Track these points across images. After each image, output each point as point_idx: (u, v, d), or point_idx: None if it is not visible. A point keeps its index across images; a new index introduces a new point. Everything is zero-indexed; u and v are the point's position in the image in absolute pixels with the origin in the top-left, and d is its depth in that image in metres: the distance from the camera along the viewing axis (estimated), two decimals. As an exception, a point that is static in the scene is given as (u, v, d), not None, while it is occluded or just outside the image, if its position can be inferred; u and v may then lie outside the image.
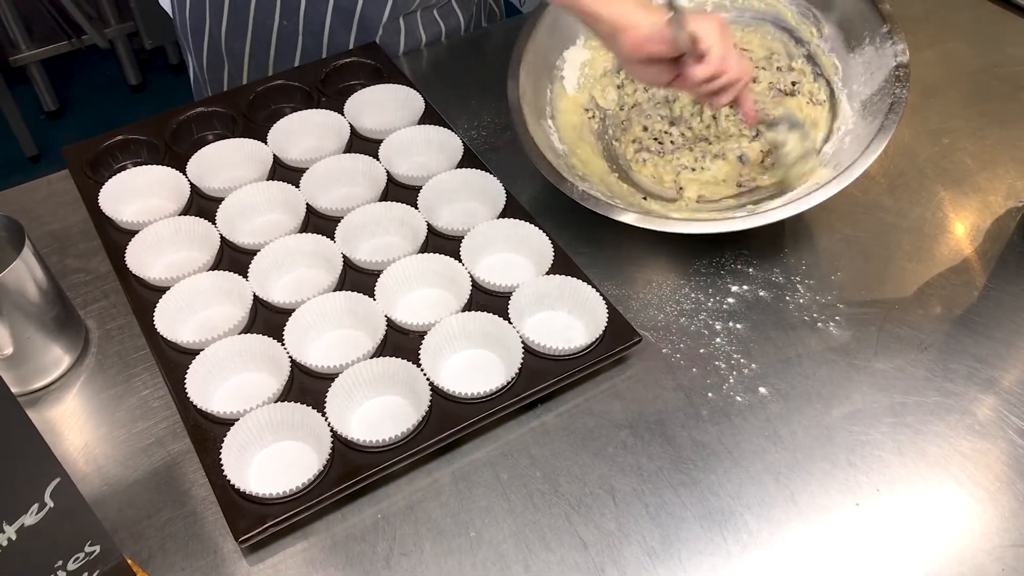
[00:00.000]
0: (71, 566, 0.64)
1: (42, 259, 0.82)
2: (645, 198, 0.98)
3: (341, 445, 0.76)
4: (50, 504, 0.60)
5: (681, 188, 0.99)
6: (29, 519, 0.59)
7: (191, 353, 0.82)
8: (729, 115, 1.01)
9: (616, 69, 1.10)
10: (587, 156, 1.02)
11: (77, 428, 0.83)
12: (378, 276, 0.88)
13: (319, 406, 0.78)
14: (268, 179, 0.99)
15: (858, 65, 1.02)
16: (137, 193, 0.98)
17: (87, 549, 0.64)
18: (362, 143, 1.04)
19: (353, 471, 0.75)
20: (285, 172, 1.01)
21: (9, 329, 0.80)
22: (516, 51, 1.03)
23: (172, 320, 0.85)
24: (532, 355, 0.82)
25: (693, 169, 0.99)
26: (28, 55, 2.67)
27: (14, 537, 0.59)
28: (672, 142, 1.02)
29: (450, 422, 0.78)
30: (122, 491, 0.78)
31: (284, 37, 1.17)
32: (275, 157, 1.01)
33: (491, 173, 0.97)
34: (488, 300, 0.88)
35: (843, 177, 0.87)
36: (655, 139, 1.03)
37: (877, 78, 0.98)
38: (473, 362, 0.84)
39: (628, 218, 0.88)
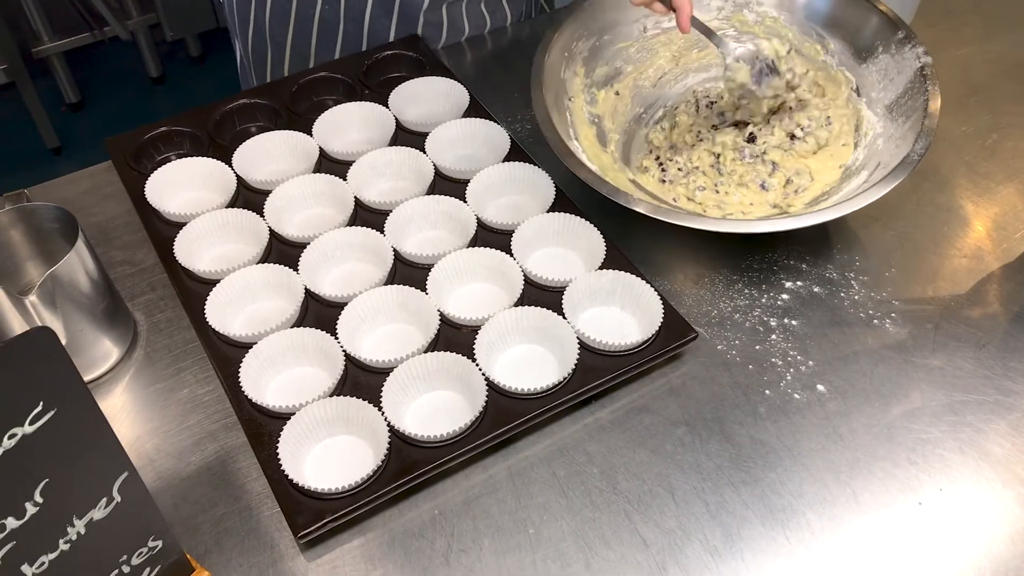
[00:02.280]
0: (135, 560, 0.63)
1: (93, 251, 0.82)
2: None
3: (398, 440, 0.76)
4: (117, 498, 0.59)
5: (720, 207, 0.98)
6: (97, 513, 0.59)
7: (243, 347, 0.81)
8: (735, 158, 1.00)
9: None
10: (614, 176, 0.99)
11: (128, 422, 0.82)
12: (427, 270, 0.87)
13: (373, 401, 0.77)
14: (314, 172, 0.98)
15: (872, 74, 1.02)
16: (182, 185, 0.97)
17: (150, 544, 0.64)
18: (406, 136, 1.04)
19: (411, 466, 0.74)
20: (330, 165, 1.00)
21: (62, 321, 0.79)
22: (535, 75, 1.00)
23: (222, 313, 0.85)
24: (587, 351, 0.82)
25: (716, 191, 0.98)
26: (50, 47, 2.67)
27: (83, 531, 0.58)
28: (679, 169, 1.01)
29: (506, 418, 0.77)
30: (176, 485, 0.77)
31: (326, 23, 1.16)
32: (320, 150, 1.00)
33: (539, 167, 0.96)
34: (539, 295, 0.87)
35: (898, 171, 0.86)
36: (657, 159, 1.02)
37: (899, 82, 0.98)
38: (526, 358, 0.83)
39: (700, 223, 0.86)
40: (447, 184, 0.98)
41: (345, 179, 0.96)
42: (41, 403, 0.52)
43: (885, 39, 1.01)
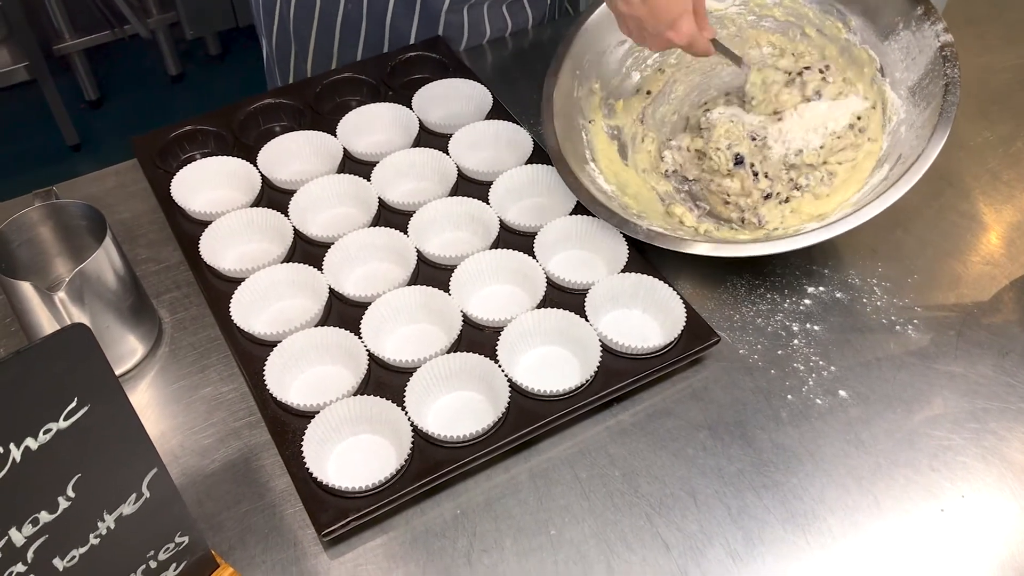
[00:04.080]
0: (161, 556, 0.64)
1: (120, 248, 0.83)
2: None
3: (421, 440, 0.76)
4: (147, 494, 0.60)
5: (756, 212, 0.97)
6: (127, 508, 0.59)
7: (267, 345, 0.82)
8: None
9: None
10: (636, 191, 0.99)
11: (153, 418, 0.83)
12: (450, 271, 0.87)
13: (396, 400, 0.77)
14: (338, 172, 0.99)
15: (895, 52, 0.99)
16: (207, 184, 0.98)
17: (177, 540, 0.65)
18: (430, 137, 1.04)
19: (433, 466, 0.75)
20: (354, 165, 1.01)
21: (89, 317, 0.80)
22: (545, 101, 0.99)
23: (247, 312, 0.85)
24: (608, 354, 0.82)
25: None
26: (71, 44, 2.69)
27: (112, 527, 0.59)
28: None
29: (528, 419, 0.78)
30: (200, 482, 0.78)
31: (348, 22, 1.17)
32: (344, 150, 1.01)
33: (562, 169, 0.97)
34: (561, 297, 0.87)
35: (916, 167, 0.85)
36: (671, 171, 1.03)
37: (920, 62, 0.95)
38: (548, 359, 0.84)
39: (700, 249, 0.86)
40: (470, 186, 0.98)
41: (369, 180, 0.96)
42: (76, 399, 0.52)
43: (904, 14, 0.98)
